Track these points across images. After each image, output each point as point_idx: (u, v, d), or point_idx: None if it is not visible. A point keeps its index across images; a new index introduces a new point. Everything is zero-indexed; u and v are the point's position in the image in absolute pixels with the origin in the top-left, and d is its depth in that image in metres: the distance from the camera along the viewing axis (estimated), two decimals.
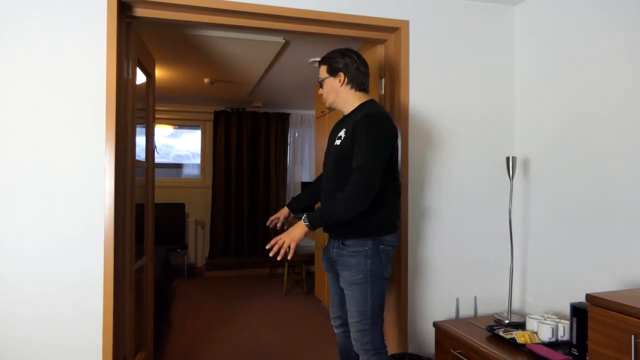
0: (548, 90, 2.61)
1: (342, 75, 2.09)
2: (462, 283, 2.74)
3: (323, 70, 2.14)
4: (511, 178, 2.48)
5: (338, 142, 2.09)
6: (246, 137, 6.47)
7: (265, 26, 2.54)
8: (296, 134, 6.81)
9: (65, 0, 2.16)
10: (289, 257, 1.90)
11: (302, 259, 5.19)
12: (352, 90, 2.10)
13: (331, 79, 2.11)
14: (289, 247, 1.91)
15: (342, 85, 2.09)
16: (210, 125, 6.51)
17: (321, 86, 2.16)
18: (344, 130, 2.07)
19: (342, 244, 2.05)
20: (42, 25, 2.13)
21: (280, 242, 1.91)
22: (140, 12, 2.34)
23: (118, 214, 2.26)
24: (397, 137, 2.05)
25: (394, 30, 2.67)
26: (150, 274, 3.05)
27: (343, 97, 2.11)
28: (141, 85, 2.86)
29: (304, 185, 6.58)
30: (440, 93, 2.71)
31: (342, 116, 2.20)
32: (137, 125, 2.55)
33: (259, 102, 6.30)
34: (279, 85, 5.12)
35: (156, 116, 3.58)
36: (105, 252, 2.18)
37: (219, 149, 6.39)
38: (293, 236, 1.92)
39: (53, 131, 2.15)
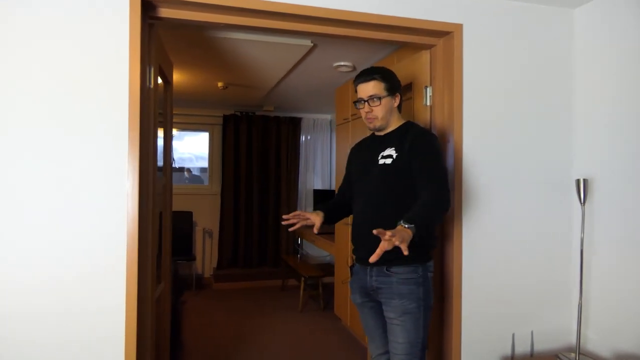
0: (611, 100, 2.34)
1: (398, 96, 2.05)
2: (517, 316, 2.46)
3: (379, 87, 1.98)
4: (582, 203, 2.19)
5: (389, 160, 1.97)
6: (256, 142, 6.16)
7: (298, 28, 2.30)
8: (308, 138, 6.51)
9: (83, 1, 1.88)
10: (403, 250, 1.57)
11: (318, 272, 4.90)
12: (397, 112, 2.08)
13: (389, 98, 2.01)
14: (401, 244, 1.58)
15: (396, 105, 2.05)
16: (218, 130, 6.20)
17: (375, 102, 1.98)
18: (393, 149, 1.98)
19: (388, 270, 1.92)
20: (56, 30, 1.85)
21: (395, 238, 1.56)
22: (165, 12, 2.06)
23: (143, 241, 1.97)
24: None
25: (443, 35, 2.40)
26: (168, 302, 2.77)
27: (392, 117, 2.05)
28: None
29: (317, 192, 6.28)
30: (497, 104, 2.44)
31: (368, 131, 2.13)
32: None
33: (270, 106, 6.00)
34: (295, 89, 4.83)
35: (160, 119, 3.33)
36: (127, 284, 1.90)
37: (227, 155, 6.08)
38: (404, 237, 1.58)
39: (70, 149, 1.86)
